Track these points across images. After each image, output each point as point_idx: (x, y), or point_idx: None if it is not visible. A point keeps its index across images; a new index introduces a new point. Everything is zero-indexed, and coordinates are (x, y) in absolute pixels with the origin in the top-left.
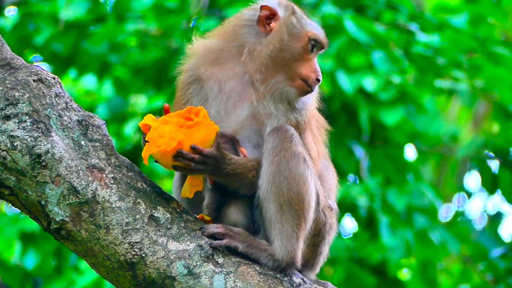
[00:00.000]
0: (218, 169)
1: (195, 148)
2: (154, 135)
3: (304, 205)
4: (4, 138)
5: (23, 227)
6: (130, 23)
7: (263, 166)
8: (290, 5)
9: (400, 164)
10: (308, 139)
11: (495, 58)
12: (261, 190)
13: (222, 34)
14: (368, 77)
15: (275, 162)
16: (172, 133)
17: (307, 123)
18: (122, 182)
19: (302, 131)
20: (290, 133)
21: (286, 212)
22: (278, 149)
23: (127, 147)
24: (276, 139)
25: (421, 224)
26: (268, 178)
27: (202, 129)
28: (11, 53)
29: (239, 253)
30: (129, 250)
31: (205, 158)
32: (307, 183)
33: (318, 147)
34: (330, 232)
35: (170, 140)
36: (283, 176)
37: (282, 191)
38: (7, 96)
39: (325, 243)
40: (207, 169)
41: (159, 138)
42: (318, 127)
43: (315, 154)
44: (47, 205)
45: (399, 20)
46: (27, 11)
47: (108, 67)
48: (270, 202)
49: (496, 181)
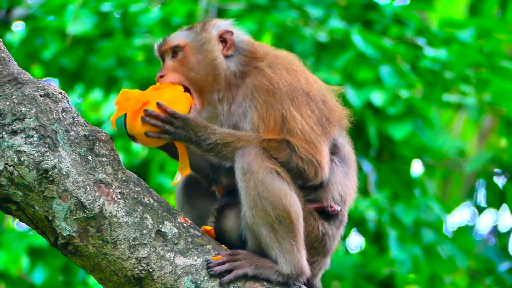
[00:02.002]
0: (193, 133)
1: (160, 104)
2: (121, 99)
3: (293, 217)
4: (11, 153)
5: (31, 243)
6: (137, 38)
7: (241, 193)
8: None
9: (407, 178)
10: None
11: (501, 72)
12: (247, 218)
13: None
14: (376, 92)
15: (251, 187)
16: (138, 96)
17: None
18: (129, 197)
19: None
20: (253, 152)
21: (279, 230)
22: (249, 173)
23: (135, 162)
24: (243, 164)
25: (429, 238)
26: (250, 205)
27: (170, 92)
28: (17, 68)
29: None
30: (137, 265)
31: (171, 117)
32: (288, 195)
33: (307, 121)
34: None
35: (136, 102)
36: (263, 197)
37: (267, 212)
38: (14, 111)
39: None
40: (176, 131)
41: (125, 101)
42: (315, 106)
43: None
44: (54, 220)
45: (407, 34)
46: (35, 26)
47: (115, 82)
48: (260, 227)
49: (503, 196)
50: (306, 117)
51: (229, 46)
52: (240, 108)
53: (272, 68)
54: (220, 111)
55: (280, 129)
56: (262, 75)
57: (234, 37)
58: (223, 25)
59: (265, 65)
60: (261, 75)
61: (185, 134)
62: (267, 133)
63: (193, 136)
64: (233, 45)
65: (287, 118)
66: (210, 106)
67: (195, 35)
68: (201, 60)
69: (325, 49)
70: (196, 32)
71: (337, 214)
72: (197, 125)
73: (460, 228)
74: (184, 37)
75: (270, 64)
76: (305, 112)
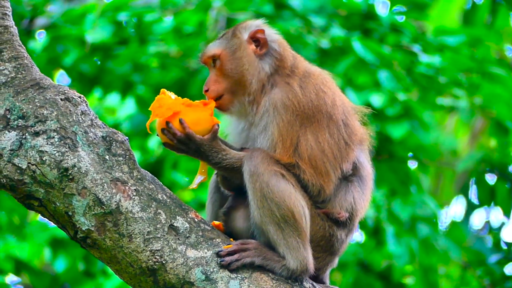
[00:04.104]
0: (204, 157)
1: (182, 122)
2: (156, 105)
3: (297, 217)
4: (33, 153)
5: (54, 234)
6: (152, 45)
7: (249, 194)
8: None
9: (404, 176)
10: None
11: (491, 77)
12: (255, 217)
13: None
14: (375, 94)
15: (258, 188)
16: (171, 105)
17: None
18: (143, 194)
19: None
20: (260, 157)
21: (285, 229)
22: (255, 175)
23: (150, 160)
24: (250, 166)
25: (424, 232)
26: (257, 205)
27: (198, 111)
28: (39, 73)
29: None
30: (151, 257)
31: (187, 139)
32: (292, 195)
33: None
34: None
35: (167, 110)
36: (269, 199)
37: (273, 212)
38: (36, 114)
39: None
40: (188, 152)
41: (158, 108)
42: (334, 126)
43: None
44: (74, 215)
45: (403, 42)
46: (56, 34)
47: (131, 86)
48: (267, 225)
49: (493, 193)
50: (321, 141)
51: (262, 45)
52: (263, 120)
53: (302, 88)
54: (249, 111)
55: (294, 151)
56: (291, 93)
57: (266, 35)
58: (254, 25)
59: (296, 83)
60: (290, 93)
61: (196, 156)
62: (282, 153)
63: (204, 158)
64: (266, 43)
65: (301, 141)
66: (240, 105)
67: (227, 42)
68: (236, 66)
69: (327, 55)
70: (228, 38)
71: (345, 221)
72: (210, 150)
73: (453, 222)
74: (218, 46)
75: (301, 83)
76: (322, 136)
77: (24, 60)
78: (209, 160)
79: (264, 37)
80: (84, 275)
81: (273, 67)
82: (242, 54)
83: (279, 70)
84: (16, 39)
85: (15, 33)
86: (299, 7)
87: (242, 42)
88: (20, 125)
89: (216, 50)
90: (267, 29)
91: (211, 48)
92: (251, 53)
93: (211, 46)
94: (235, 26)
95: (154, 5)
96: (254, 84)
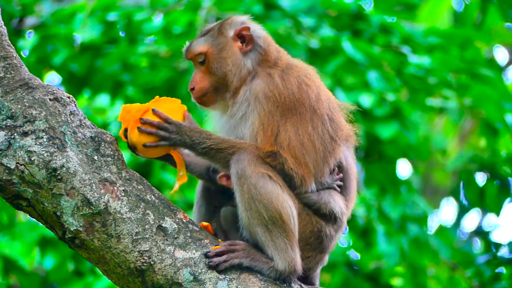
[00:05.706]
0: (188, 138)
1: (155, 110)
2: (123, 113)
3: (285, 218)
4: (22, 153)
5: (43, 233)
6: (141, 45)
7: (236, 196)
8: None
9: (394, 176)
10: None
11: (481, 78)
12: (243, 219)
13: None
14: (364, 94)
15: (245, 190)
16: (139, 106)
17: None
18: (132, 195)
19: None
20: (247, 159)
21: (273, 230)
22: (243, 178)
23: (140, 160)
24: (237, 169)
25: (414, 232)
26: (245, 207)
27: (167, 103)
28: (29, 73)
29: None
30: (139, 258)
31: (166, 122)
32: (279, 197)
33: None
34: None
35: (136, 111)
36: (257, 200)
37: (261, 214)
38: (25, 114)
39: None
40: (171, 136)
41: (127, 114)
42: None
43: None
44: (62, 215)
45: (393, 42)
46: (45, 34)
47: (120, 86)
48: (255, 227)
49: (483, 193)
50: (301, 134)
51: (248, 41)
52: (241, 109)
53: (284, 79)
54: (230, 104)
55: (275, 140)
56: (272, 84)
57: (252, 31)
58: (239, 22)
59: (277, 74)
60: (271, 84)
61: (179, 139)
62: (264, 141)
63: (188, 141)
64: (251, 40)
65: (280, 131)
66: (223, 101)
67: (213, 39)
68: (222, 64)
69: (317, 55)
70: (213, 36)
71: (333, 216)
72: (191, 130)
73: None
74: (204, 43)
75: (282, 74)
76: (302, 129)
77: (13, 60)
78: (193, 141)
79: (249, 34)
80: (74, 274)
81: (256, 62)
82: (227, 54)
83: (261, 63)
84: (5, 39)
85: (4, 33)
86: (289, 7)
87: (228, 40)
88: (8, 125)
89: (202, 47)
90: (253, 26)
91: (197, 45)
92: (237, 51)
93: (197, 43)
94: (220, 22)
95: (144, 5)
96: (236, 82)
